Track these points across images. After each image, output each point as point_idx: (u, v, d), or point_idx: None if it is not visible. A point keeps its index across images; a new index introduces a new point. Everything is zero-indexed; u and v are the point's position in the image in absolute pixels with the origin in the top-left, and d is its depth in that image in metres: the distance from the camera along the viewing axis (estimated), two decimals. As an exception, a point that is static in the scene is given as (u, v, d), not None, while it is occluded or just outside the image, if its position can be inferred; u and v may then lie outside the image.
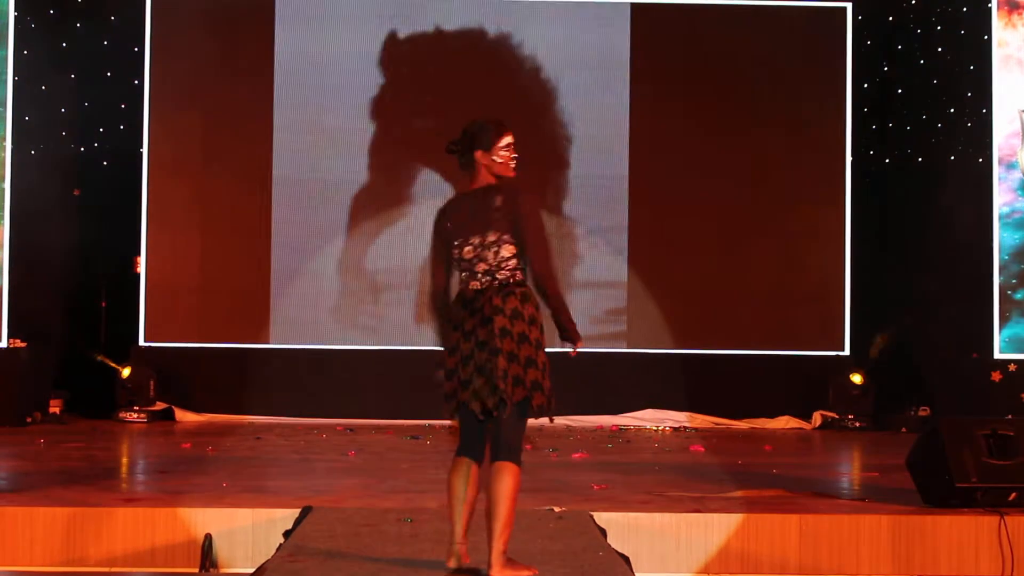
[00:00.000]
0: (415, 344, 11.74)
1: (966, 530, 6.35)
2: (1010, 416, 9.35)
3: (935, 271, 11.88)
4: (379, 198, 12.16)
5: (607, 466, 8.70)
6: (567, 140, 12.38)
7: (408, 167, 12.06)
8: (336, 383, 12.03)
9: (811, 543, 6.30)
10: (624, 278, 12.23)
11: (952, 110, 12.12)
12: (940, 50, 12.25)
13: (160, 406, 11.90)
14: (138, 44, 12.10)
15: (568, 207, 12.23)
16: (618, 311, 12.24)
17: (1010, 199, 11.68)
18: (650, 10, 12.45)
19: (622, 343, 12.19)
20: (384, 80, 12.27)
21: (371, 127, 12.24)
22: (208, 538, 6.14)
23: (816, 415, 12.11)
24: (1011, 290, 11.58)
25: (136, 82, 12.08)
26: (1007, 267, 11.62)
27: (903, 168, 12.45)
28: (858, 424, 11.89)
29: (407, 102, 12.21)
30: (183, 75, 12.19)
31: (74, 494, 6.82)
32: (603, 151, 12.29)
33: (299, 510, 6.23)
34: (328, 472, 8.19)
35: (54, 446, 9.51)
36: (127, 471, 8.66)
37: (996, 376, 11.53)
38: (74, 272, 11.99)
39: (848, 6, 12.42)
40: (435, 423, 11.37)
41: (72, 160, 12.08)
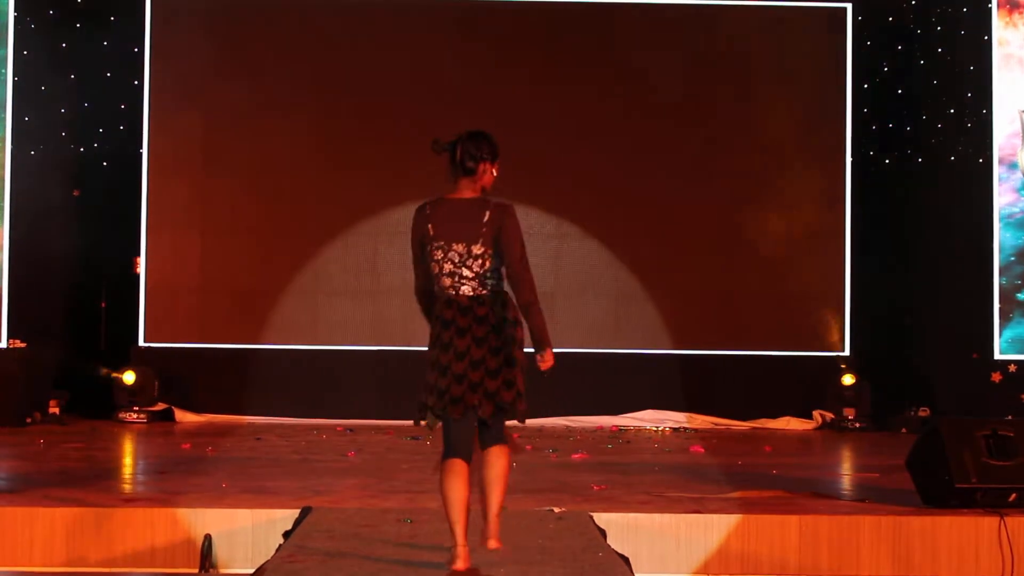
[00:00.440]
0: (415, 345, 11.66)
1: (966, 531, 6.35)
2: (1010, 417, 9.36)
3: (935, 271, 11.88)
4: (379, 198, 12.14)
5: (607, 467, 8.70)
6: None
7: (409, 167, 12.04)
8: (336, 384, 12.02)
9: (811, 544, 6.30)
10: (624, 279, 12.20)
11: (952, 110, 12.12)
12: (940, 50, 12.25)
13: (160, 406, 11.90)
14: (138, 45, 12.09)
15: (568, 208, 12.21)
16: (618, 312, 12.22)
17: (1012, 199, 11.68)
18: (649, 10, 12.43)
19: (622, 344, 12.16)
20: (383, 81, 12.25)
21: (371, 127, 12.22)
22: (208, 539, 6.14)
23: (816, 415, 12.12)
24: (1015, 291, 11.57)
25: (136, 82, 12.07)
26: (1010, 268, 11.61)
27: (903, 168, 12.44)
28: (858, 425, 11.88)
29: (407, 103, 12.19)
30: (183, 75, 12.18)
31: (74, 494, 6.81)
32: (602, 151, 12.28)
33: (299, 511, 6.24)
34: (328, 473, 8.19)
35: (54, 446, 9.51)
36: (127, 472, 8.65)
37: (996, 377, 11.54)
38: (74, 272, 11.98)
39: (848, 6, 12.41)
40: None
41: (72, 160, 12.07)
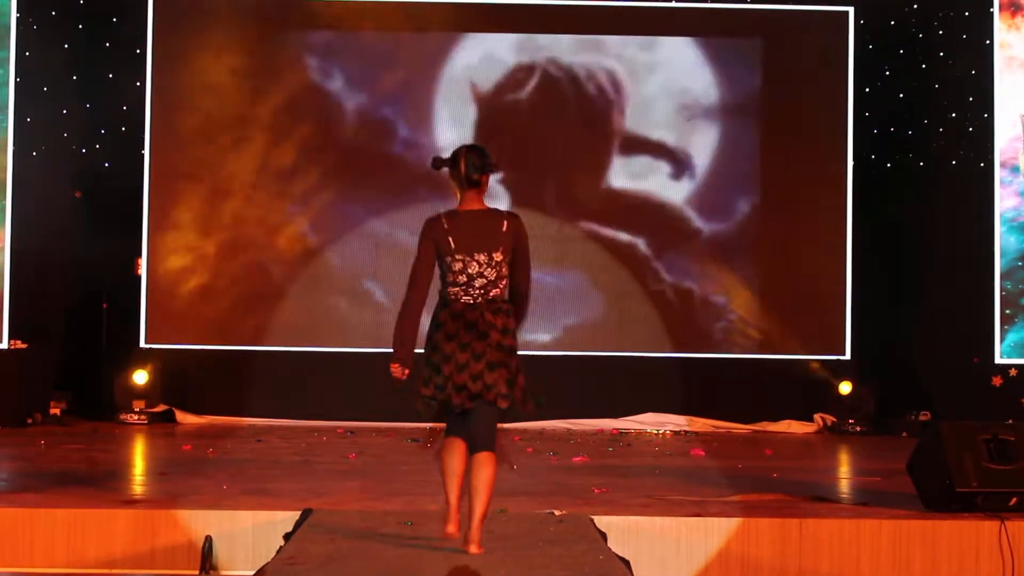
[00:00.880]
0: (416, 347, 11.68)
1: (967, 535, 6.36)
2: (1011, 421, 9.35)
3: (937, 275, 11.87)
4: (380, 200, 12.14)
5: (607, 469, 8.70)
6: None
7: (409, 172, 12.04)
8: (337, 385, 12.00)
9: (811, 547, 6.31)
10: (624, 279, 12.20)
11: (954, 114, 12.11)
12: (941, 54, 12.24)
13: (161, 408, 11.90)
14: (140, 46, 12.08)
15: (568, 209, 12.21)
16: (619, 314, 12.21)
17: (1014, 204, 11.68)
18: (649, 11, 12.44)
19: (623, 347, 12.15)
20: (383, 85, 12.26)
21: (371, 131, 12.23)
22: (208, 540, 6.15)
23: (817, 419, 12.12)
24: (1018, 295, 11.56)
25: (138, 84, 12.07)
26: (1013, 272, 11.60)
27: (905, 172, 12.43)
28: (859, 428, 11.87)
29: (408, 103, 12.19)
30: (185, 77, 12.18)
31: (74, 496, 6.82)
32: (603, 152, 12.27)
33: (299, 512, 6.24)
34: (329, 475, 8.20)
35: (54, 447, 9.51)
36: (127, 473, 8.65)
37: (997, 381, 11.53)
38: (75, 273, 11.96)
39: (850, 10, 12.39)
40: (437, 426, 11.34)
41: (74, 161, 12.06)
